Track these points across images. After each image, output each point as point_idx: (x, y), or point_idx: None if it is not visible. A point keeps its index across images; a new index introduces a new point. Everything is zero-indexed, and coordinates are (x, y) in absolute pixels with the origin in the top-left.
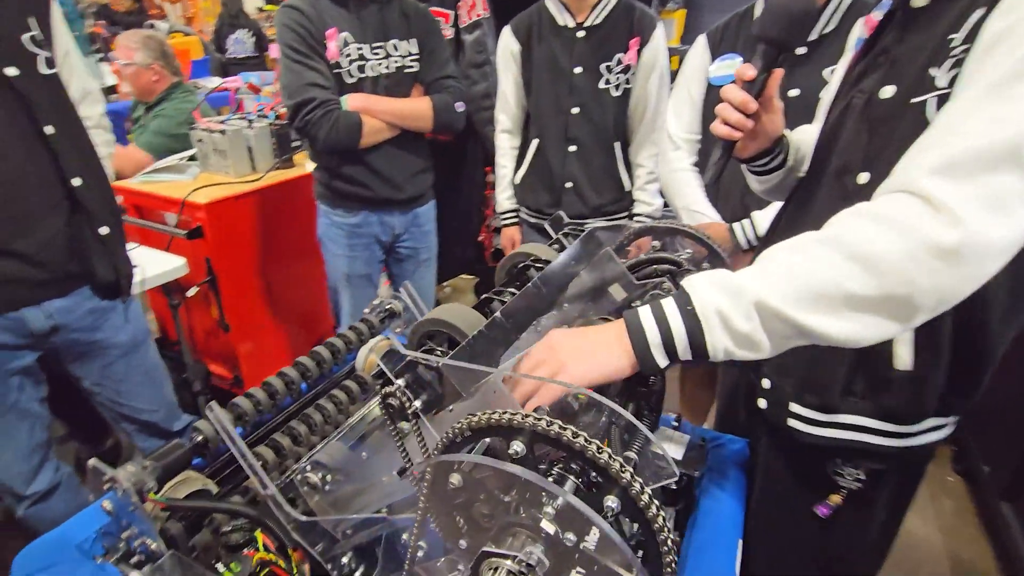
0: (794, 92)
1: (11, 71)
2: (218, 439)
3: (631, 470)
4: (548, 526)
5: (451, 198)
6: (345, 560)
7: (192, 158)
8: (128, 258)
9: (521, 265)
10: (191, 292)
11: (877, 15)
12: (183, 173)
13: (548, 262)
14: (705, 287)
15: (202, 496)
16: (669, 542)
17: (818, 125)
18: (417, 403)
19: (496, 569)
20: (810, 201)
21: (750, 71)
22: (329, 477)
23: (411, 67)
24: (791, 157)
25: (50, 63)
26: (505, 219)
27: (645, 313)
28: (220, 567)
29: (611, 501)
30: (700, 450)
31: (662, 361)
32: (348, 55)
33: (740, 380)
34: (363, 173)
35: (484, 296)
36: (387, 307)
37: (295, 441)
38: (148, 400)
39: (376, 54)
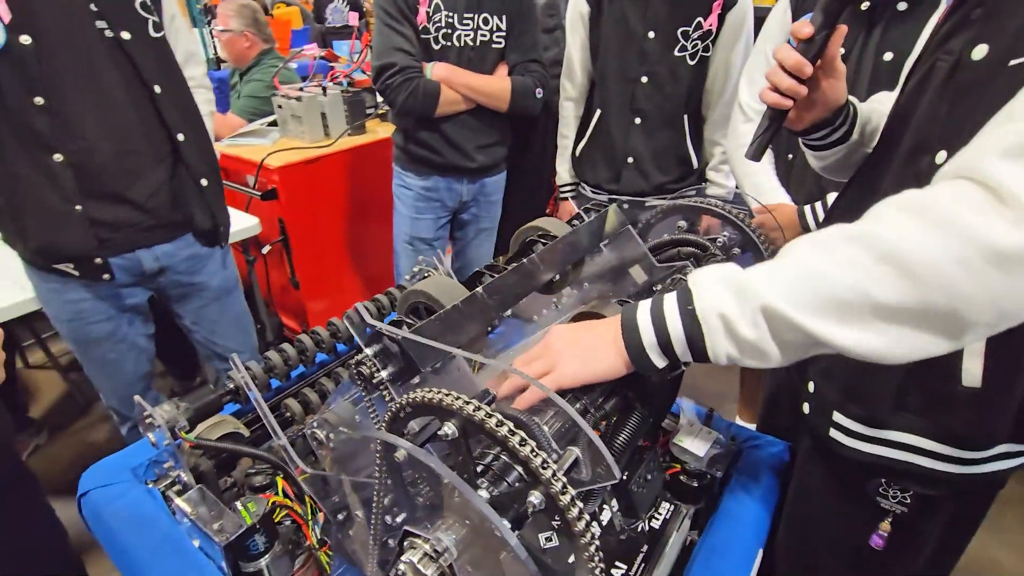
0: (888, 56)
1: (125, 35)
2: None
3: (553, 468)
4: (474, 516)
5: (520, 168)
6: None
7: (274, 123)
8: (226, 209)
9: (528, 240)
10: (265, 250)
11: None
12: (264, 137)
13: (556, 237)
14: (709, 285)
15: (232, 438)
16: (592, 548)
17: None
18: (384, 373)
19: (414, 548)
20: (876, 184)
21: (806, 28)
22: (333, 435)
23: (497, 43)
24: (857, 130)
25: (157, 27)
26: (564, 192)
27: (643, 311)
28: (239, 505)
29: (534, 497)
30: (728, 449)
31: (659, 362)
32: (436, 22)
33: (785, 380)
34: (437, 139)
35: (476, 270)
36: (426, 275)
37: (322, 397)
38: (236, 342)
39: (465, 25)
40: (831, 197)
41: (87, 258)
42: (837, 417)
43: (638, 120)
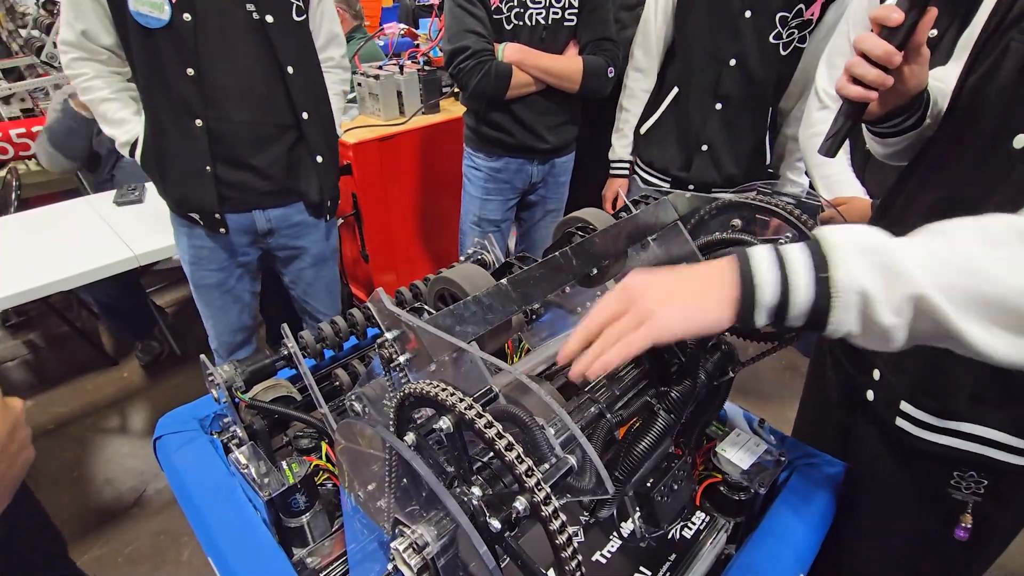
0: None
1: (269, 18)
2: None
3: (538, 476)
4: (460, 517)
5: (592, 151)
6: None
7: (353, 100)
8: (336, 185)
9: (567, 231)
10: (338, 223)
11: None
12: (344, 114)
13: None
14: (852, 255)
15: (285, 402)
16: (573, 564)
17: (955, 69)
18: (402, 358)
19: (403, 536)
20: (949, 168)
21: (895, 14)
22: (369, 409)
23: (570, 20)
24: (930, 115)
25: (300, 11)
26: (617, 169)
27: (766, 267)
28: (284, 464)
29: (519, 503)
30: (777, 463)
31: (761, 322)
32: (509, 2)
33: (834, 371)
34: (507, 120)
35: (507, 260)
36: (479, 257)
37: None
38: (325, 305)
39: (537, 3)
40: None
41: (210, 212)
42: (905, 407)
43: (719, 105)
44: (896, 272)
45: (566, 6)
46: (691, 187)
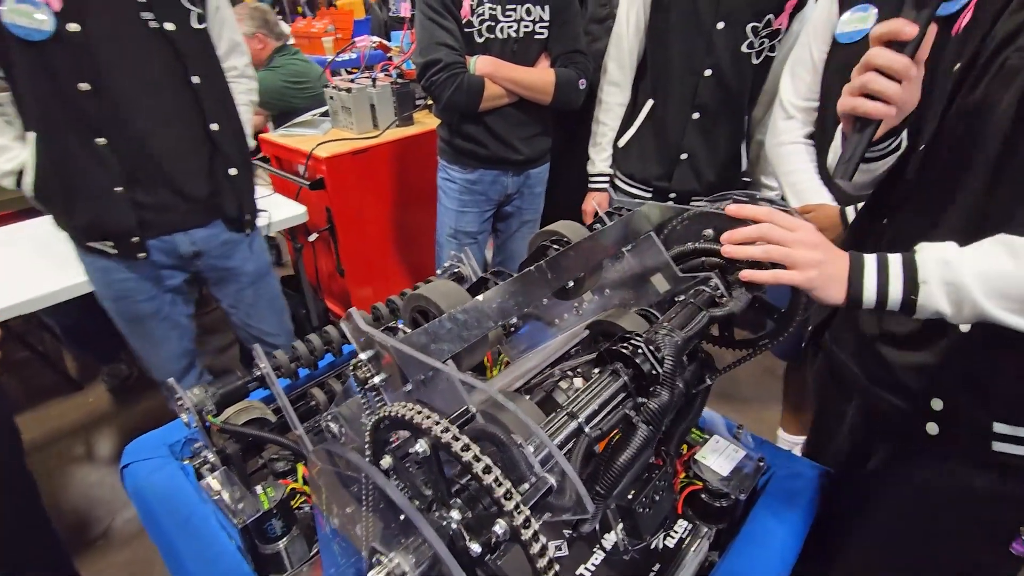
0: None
1: (169, 26)
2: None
3: (517, 499)
4: (438, 545)
5: (564, 160)
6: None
7: (325, 114)
8: (253, 198)
9: (540, 245)
10: (312, 238)
11: None
12: (316, 128)
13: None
14: (937, 287)
15: (258, 424)
16: None
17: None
18: (376, 379)
19: (380, 565)
20: (963, 182)
21: (909, 28)
22: (346, 429)
23: (541, 34)
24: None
25: (201, 18)
26: (596, 182)
27: (869, 280)
28: (259, 489)
29: (499, 527)
30: (756, 470)
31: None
32: (480, 15)
33: (834, 405)
34: (481, 132)
35: (482, 276)
36: (456, 270)
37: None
38: (271, 324)
39: (508, 16)
40: None
41: (126, 236)
42: (1001, 428)
43: (696, 115)
44: (966, 299)
45: (537, 19)
46: (672, 196)
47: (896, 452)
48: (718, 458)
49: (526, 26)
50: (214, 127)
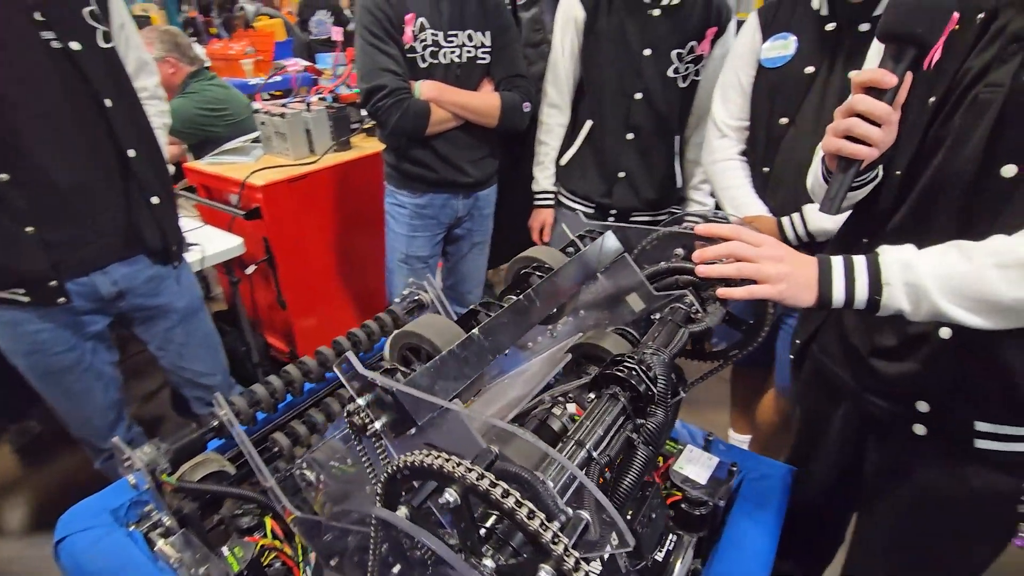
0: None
1: (75, 45)
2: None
3: (565, 542)
4: None
5: (510, 181)
6: (336, 560)
7: (257, 140)
8: (178, 227)
9: (523, 271)
10: (249, 270)
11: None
12: (247, 155)
13: (551, 269)
14: (898, 288)
15: (218, 478)
16: None
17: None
18: (377, 424)
19: None
20: (945, 202)
21: (889, 77)
22: (323, 476)
23: (483, 59)
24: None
25: (107, 37)
26: (541, 200)
27: (840, 284)
28: (226, 550)
29: (544, 573)
30: (730, 476)
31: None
32: (423, 40)
33: (820, 409)
34: (429, 156)
35: (471, 308)
36: (416, 298)
37: (312, 429)
38: (206, 364)
39: (450, 42)
40: (807, 208)
41: (41, 281)
42: (983, 426)
43: (631, 136)
44: (924, 298)
45: (479, 45)
46: (614, 212)
47: (890, 454)
48: (695, 467)
49: (468, 51)
50: (131, 153)
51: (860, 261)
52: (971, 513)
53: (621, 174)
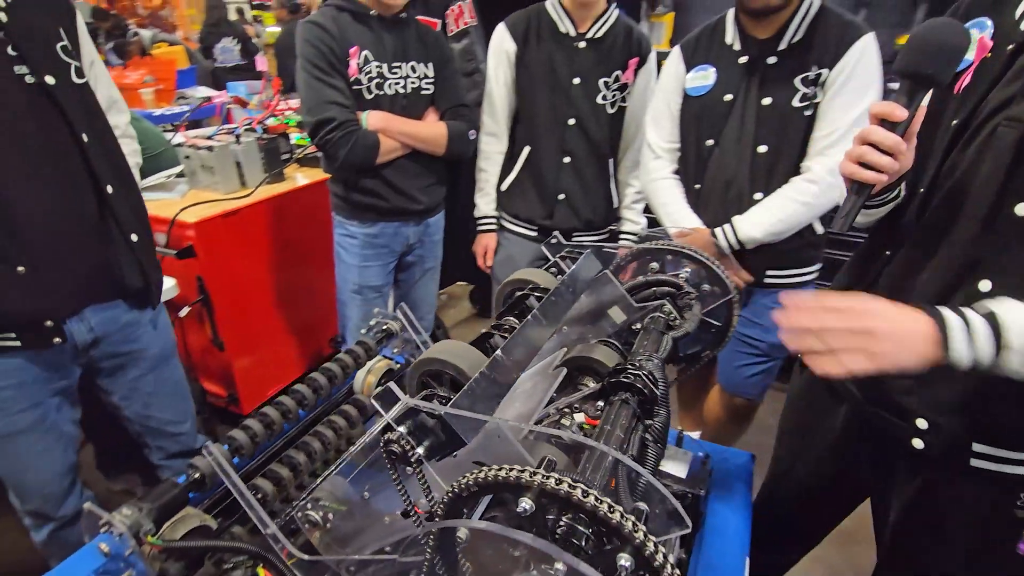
0: (767, 100)
1: (50, 80)
2: (215, 476)
3: (644, 529)
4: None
5: (449, 206)
6: None
7: (181, 174)
8: (158, 266)
9: (519, 294)
10: (182, 313)
11: (978, 35)
12: (171, 191)
13: (547, 290)
14: (1018, 354)
15: (201, 533)
16: None
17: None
18: (420, 450)
19: None
20: (948, 240)
21: (899, 111)
22: (331, 515)
23: (427, 89)
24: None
25: (79, 72)
26: (484, 224)
27: (964, 349)
28: None
29: (624, 560)
30: (704, 467)
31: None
32: (368, 72)
33: (829, 410)
34: (380, 186)
35: (484, 332)
36: (384, 327)
37: (294, 470)
38: (175, 412)
39: (394, 73)
40: (737, 219)
41: (38, 323)
42: (980, 448)
43: (567, 159)
44: None
45: (422, 76)
46: (556, 233)
47: (889, 462)
48: (675, 464)
49: (413, 82)
50: (109, 189)
51: (978, 322)
52: (972, 521)
53: (561, 196)
